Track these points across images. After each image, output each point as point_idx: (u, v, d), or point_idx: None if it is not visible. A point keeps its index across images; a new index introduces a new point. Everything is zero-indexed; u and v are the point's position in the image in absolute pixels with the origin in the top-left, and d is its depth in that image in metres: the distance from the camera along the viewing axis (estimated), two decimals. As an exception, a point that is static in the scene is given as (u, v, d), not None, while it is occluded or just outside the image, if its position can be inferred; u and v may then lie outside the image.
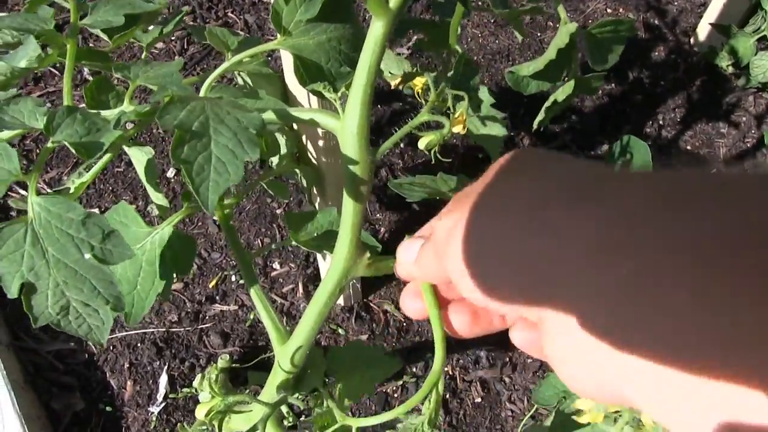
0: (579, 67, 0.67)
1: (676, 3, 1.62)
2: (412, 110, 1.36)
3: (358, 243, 0.51)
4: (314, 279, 1.14)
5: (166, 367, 1.05)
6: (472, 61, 0.75)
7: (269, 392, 0.62)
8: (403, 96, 1.38)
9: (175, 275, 0.64)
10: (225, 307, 1.10)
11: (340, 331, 1.08)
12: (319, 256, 1.09)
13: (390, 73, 0.76)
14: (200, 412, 0.80)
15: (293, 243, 0.68)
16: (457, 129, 0.63)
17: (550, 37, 1.54)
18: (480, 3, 0.62)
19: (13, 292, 0.51)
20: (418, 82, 0.62)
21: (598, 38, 0.51)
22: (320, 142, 0.75)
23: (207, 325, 1.09)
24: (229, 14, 1.63)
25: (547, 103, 0.65)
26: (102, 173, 1.29)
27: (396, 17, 0.51)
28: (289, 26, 0.56)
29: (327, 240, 0.67)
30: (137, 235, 0.62)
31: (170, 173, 1.29)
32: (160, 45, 1.56)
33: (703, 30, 1.51)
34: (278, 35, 0.57)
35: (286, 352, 0.61)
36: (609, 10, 1.59)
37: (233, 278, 1.14)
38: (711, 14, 1.47)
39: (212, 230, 1.20)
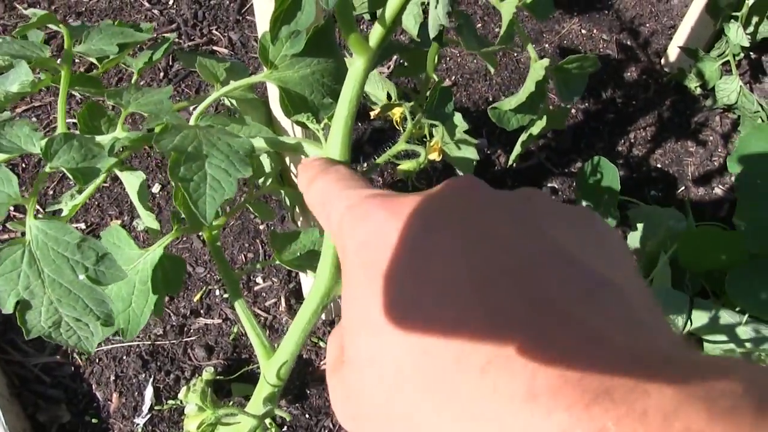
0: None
1: (647, 25, 1.68)
2: (391, 129, 1.40)
3: (339, 263, 0.55)
4: (297, 294, 1.17)
5: (151, 380, 1.08)
6: (447, 89, 0.79)
7: (256, 404, 0.65)
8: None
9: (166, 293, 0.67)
10: (209, 321, 1.13)
11: (322, 344, 1.11)
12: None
13: (371, 101, 0.80)
14: (189, 424, 0.83)
15: (276, 261, 0.71)
16: (433, 156, 0.67)
17: (526, 57, 1.59)
18: (456, 37, 0.66)
19: (8, 309, 0.53)
20: (396, 111, 0.66)
21: (568, 73, 0.55)
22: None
23: (192, 338, 1.12)
24: (214, 31, 1.67)
25: (523, 137, 0.69)
26: (87, 188, 1.32)
27: (376, 54, 0.55)
28: (275, 60, 0.59)
29: (309, 260, 0.71)
30: (130, 256, 0.65)
31: (155, 188, 1.32)
32: (145, 61, 1.59)
33: (673, 52, 1.57)
34: (265, 68, 0.60)
35: (271, 367, 0.64)
36: (584, 31, 1.64)
37: (217, 292, 1.16)
38: (680, 37, 1.52)
39: (197, 245, 1.23)
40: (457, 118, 0.84)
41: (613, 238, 0.28)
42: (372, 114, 0.67)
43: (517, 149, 0.71)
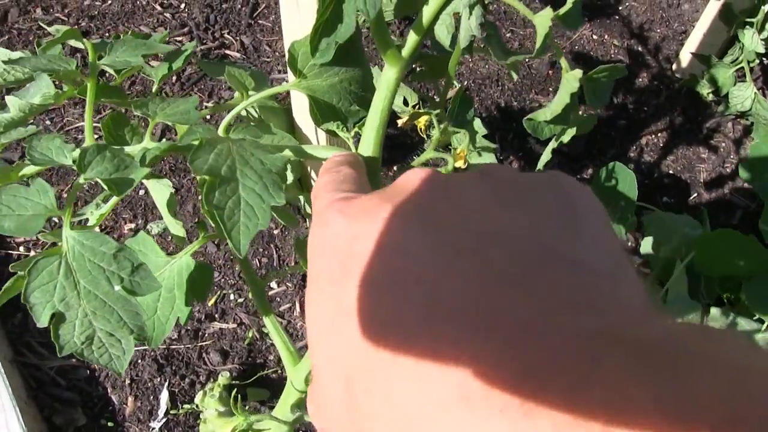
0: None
1: (658, 30, 1.68)
2: (405, 134, 1.41)
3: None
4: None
5: (166, 384, 1.08)
6: (468, 96, 0.79)
7: (283, 411, 0.65)
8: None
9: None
10: (224, 325, 1.14)
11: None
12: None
13: (398, 109, 0.80)
14: (206, 429, 0.83)
15: (291, 265, 0.72)
16: (459, 164, 0.67)
17: (538, 63, 1.59)
18: (480, 45, 0.66)
19: (43, 322, 0.54)
20: (422, 119, 0.67)
21: (597, 82, 0.56)
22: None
23: (206, 343, 1.12)
24: (226, 35, 1.67)
25: (553, 145, 0.69)
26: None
27: (408, 64, 0.55)
28: (303, 69, 0.60)
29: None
30: (157, 264, 0.65)
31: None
32: (155, 63, 1.59)
33: (684, 57, 1.57)
34: (293, 77, 0.61)
35: (298, 374, 0.65)
36: (595, 37, 1.65)
37: (231, 297, 1.17)
38: (692, 43, 1.52)
39: (211, 250, 1.23)
40: (477, 123, 0.85)
41: (579, 202, 0.26)
42: (399, 122, 0.67)
43: (547, 156, 0.72)
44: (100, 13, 1.68)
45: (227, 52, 1.64)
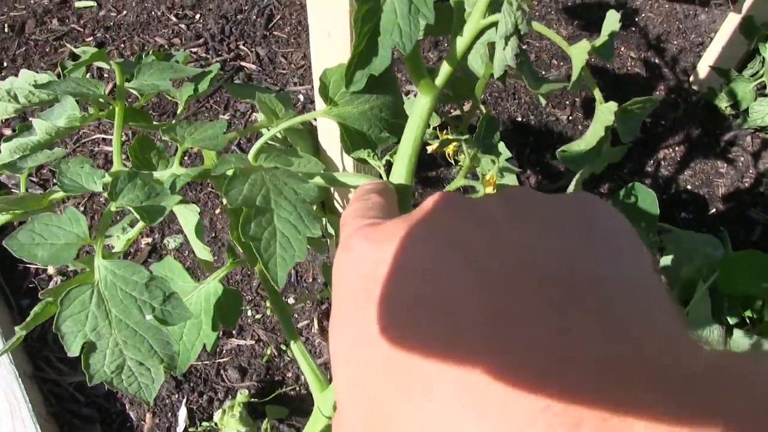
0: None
1: (675, 42, 1.67)
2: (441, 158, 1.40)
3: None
4: (329, 314, 1.17)
5: (184, 401, 1.08)
6: (494, 119, 0.79)
7: (311, 437, 0.65)
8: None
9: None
10: (242, 342, 1.13)
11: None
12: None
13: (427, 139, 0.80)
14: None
15: (309, 281, 0.71)
16: (489, 190, 0.67)
17: (555, 75, 1.58)
18: (511, 71, 0.66)
19: (74, 351, 0.53)
20: (451, 147, 0.66)
21: (631, 113, 0.55)
22: (350, 194, 0.78)
23: (225, 360, 1.12)
24: (241, 47, 1.67)
25: (584, 176, 0.69)
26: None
27: (440, 92, 0.55)
28: (335, 97, 0.59)
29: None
30: (184, 289, 0.65)
31: (186, 206, 1.32)
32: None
33: (702, 70, 1.56)
34: (324, 104, 0.60)
35: (325, 399, 0.64)
36: (611, 50, 1.64)
37: (249, 313, 1.16)
38: (710, 56, 1.51)
39: (228, 264, 1.23)
40: (501, 146, 0.84)
41: (609, 224, 0.26)
42: (429, 149, 0.67)
43: (576, 186, 0.71)
44: (116, 24, 1.68)
45: (243, 63, 1.64)
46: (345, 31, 0.57)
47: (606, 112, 0.50)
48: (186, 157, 1.41)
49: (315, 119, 0.75)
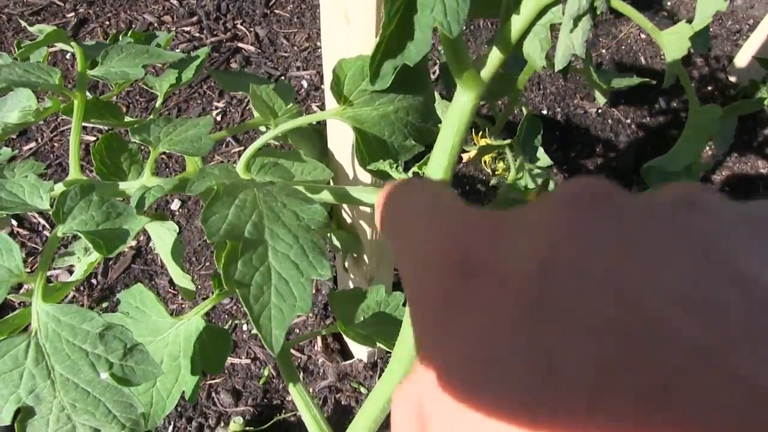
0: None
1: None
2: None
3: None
4: (334, 330, 1.05)
5: (171, 427, 0.96)
6: (537, 119, 0.66)
7: None
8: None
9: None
10: (236, 360, 1.01)
11: (362, 389, 0.99)
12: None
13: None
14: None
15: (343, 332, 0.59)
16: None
17: (579, 65, 1.45)
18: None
19: (4, 419, 0.42)
20: (489, 155, 0.54)
21: (730, 120, 0.43)
22: (362, 207, 0.66)
23: (216, 381, 0.99)
24: (239, 26, 1.54)
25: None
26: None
27: (486, 88, 0.42)
28: (350, 95, 0.46)
29: (378, 325, 0.58)
30: (158, 326, 0.53)
31: (174, 205, 1.19)
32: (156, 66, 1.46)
33: (740, 60, 1.44)
34: (336, 103, 0.47)
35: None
36: (643, 36, 1.51)
37: (245, 327, 1.04)
38: (752, 45, 1.39)
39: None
40: (540, 152, 0.72)
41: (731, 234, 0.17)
42: (464, 157, 0.54)
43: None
44: None
45: (240, 45, 1.50)
46: (369, 10, 0.44)
47: (707, 121, 0.38)
48: (165, 156, 1.28)
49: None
